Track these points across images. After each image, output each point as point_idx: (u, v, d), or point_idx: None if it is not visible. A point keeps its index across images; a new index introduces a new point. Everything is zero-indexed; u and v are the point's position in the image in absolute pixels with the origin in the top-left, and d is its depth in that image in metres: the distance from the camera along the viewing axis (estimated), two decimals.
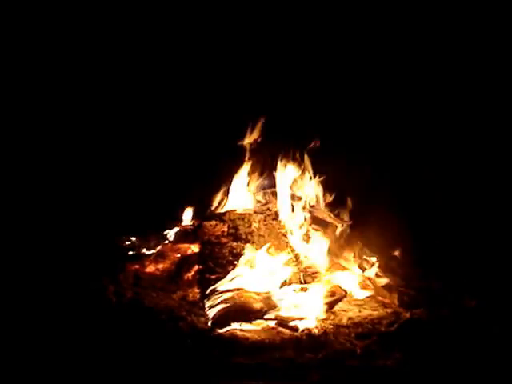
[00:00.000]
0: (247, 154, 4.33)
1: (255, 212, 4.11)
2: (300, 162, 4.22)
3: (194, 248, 4.06)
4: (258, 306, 3.34)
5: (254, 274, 3.60)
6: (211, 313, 3.32)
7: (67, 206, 4.67)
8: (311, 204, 4.16)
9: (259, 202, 4.30)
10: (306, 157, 4.23)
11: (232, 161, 4.37)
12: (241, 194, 4.31)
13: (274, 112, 4.48)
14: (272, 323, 3.29)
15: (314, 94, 5.06)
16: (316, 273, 3.69)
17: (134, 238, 4.25)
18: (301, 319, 3.28)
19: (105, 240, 4.21)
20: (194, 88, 5.23)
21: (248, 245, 3.79)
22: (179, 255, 4.08)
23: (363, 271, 3.88)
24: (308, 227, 4.00)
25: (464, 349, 2.97)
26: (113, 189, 4.88)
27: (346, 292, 3.53)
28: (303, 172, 4.20)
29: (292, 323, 3.26)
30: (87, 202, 4.74)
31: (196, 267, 3.87)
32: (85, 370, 2.79)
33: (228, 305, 3.33)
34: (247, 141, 4.32)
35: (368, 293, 3.76)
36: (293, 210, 4.07)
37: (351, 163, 4.61)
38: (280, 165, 4.20)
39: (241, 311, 3.30)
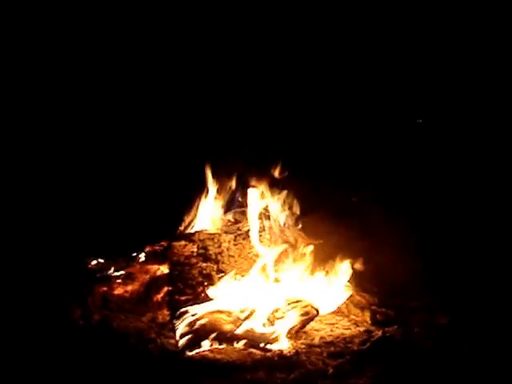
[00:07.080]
0: (214, 174, 4.32)
1: (225, 232, 4.07)
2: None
3: (163, 269, 3.99)
4: (228, 327, 3.31)
5: (225, 295, 3.56)
6: (181, 335, 3.27)
7: (34, 227, 4.58)
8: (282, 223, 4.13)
9: (229, 221, 4.27)
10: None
11: (201, 180, 4.35)
12: (210, 213, 4.28)
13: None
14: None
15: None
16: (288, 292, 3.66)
17: (101, 260, 4.17)
18: (272, 339, 3.25)
19: (72, 262, 4.13)
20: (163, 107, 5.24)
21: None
22: (148, 276, 4.01)
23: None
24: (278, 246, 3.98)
25: (436, 366, 2.98)
26: (80, 210, 4.81)
27: (317, 311, 3.51)
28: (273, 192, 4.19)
29: (263, 344, 3.22)
30: (54, 223, 4.65)
31: (165, 288, 3.81)
32: None
33: (198, 326, 3.28)
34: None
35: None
36: (263, 230, 4.04)
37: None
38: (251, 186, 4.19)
39: (211, 333, 3.25)
